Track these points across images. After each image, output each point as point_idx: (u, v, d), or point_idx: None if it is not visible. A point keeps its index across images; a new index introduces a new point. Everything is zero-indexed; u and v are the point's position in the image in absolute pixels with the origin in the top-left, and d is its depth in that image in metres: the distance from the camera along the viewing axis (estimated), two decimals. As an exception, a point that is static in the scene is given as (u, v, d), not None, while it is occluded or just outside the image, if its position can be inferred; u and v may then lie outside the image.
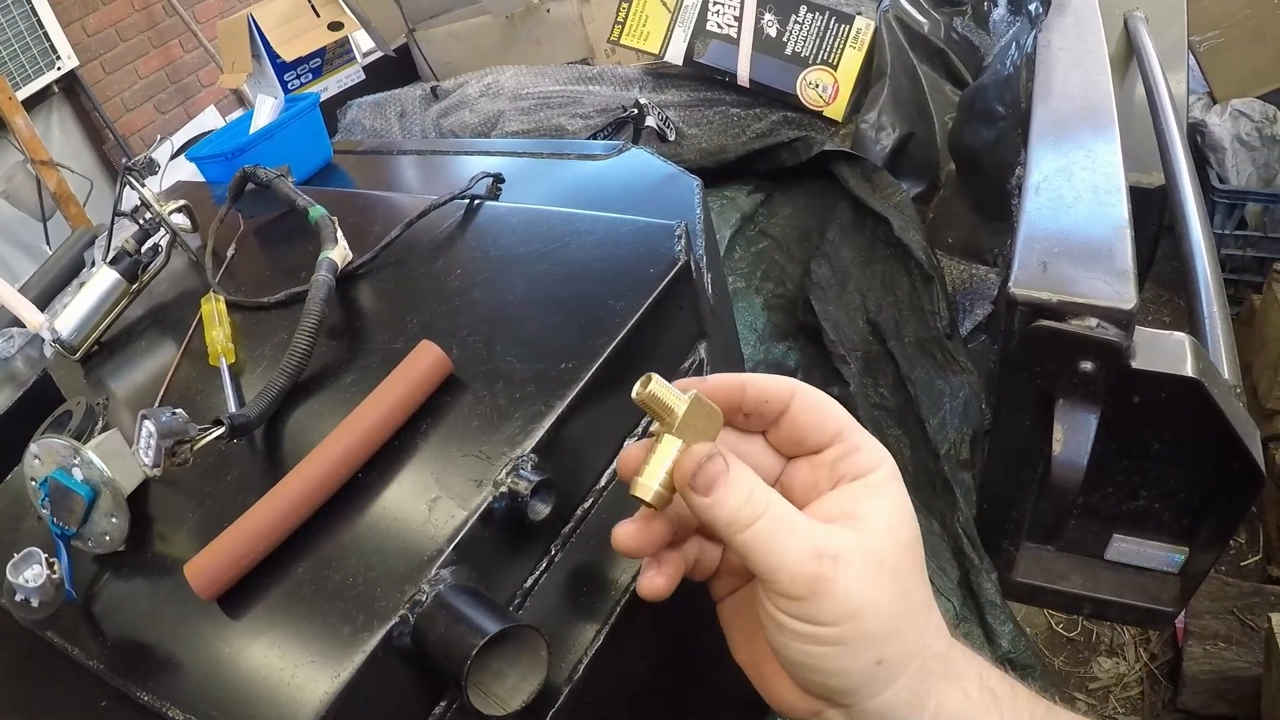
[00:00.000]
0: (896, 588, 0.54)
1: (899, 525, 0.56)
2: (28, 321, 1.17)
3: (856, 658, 0.53)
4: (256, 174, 1.15)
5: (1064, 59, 1.37)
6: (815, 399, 0.60)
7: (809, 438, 0.60)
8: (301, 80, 2.71)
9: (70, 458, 0.74)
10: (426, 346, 0.74)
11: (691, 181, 1.06)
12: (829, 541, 0.54)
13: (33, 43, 4.44)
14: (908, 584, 0.55)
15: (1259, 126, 3.13)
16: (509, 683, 0.58)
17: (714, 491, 0.55)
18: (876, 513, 0.56)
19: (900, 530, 0.56)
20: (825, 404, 0.60)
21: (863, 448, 0.58)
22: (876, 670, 0.53)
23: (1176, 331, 0.95)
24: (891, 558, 0.55)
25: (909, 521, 0.57)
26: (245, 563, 0.66)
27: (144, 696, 0.63)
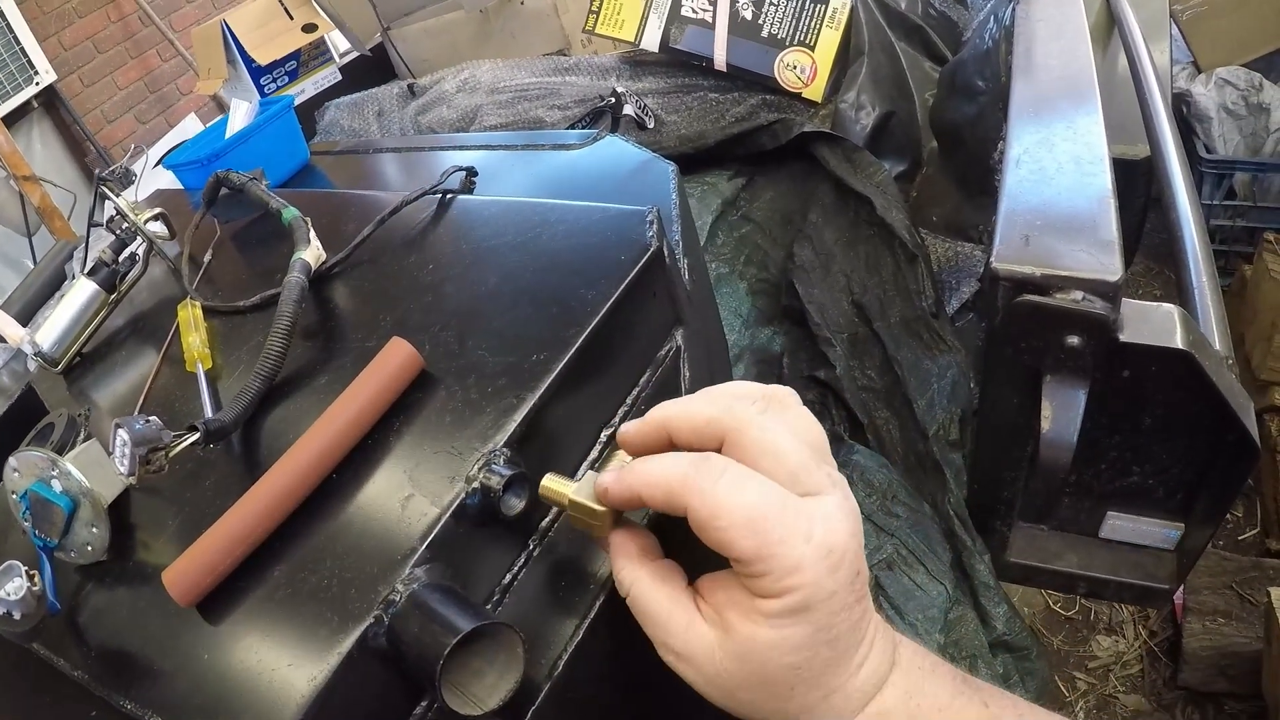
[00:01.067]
0: (738, 699, 0.56)
1: (755, 663, 0.54)
2: (9, 336, 1.17)
3: None
4: (230, 178, 1.14)
5: (1043, 30, 1.36)
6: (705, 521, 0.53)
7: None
8: (278, 83, 2.71)
9: (49, 469, 0.74)
10: (397, 344, 0.73)
11: (666, 167, 1.05)
12: (675, 641, 0.57)
13: (10, 59, 4.44)
14: (752, 697, 0.56)
15: (1245, 95, 3.12)
16: (487, 681, 0.57)
17: None
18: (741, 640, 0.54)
19: (754, 667, 0.54)
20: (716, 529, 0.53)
21: (765, 576, 0.53)
22: None
23: (1165, 303, 0.94)
24: (734, 680, 0.55)
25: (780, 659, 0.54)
26: (222, 568, 0.65)
27: (127, 705, 0.63)
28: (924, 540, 1.28)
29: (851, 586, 0.54)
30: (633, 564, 0.60)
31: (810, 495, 0.54)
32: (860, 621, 0.55)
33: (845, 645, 0.55)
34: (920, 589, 1.24)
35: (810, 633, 0.53)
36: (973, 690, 0.58)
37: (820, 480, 0.55)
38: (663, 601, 0.58)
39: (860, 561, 0.55)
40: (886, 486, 1.34)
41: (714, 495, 0.53)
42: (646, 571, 0.60)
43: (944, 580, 1.25)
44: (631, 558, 0.61)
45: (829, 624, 0.53)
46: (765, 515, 0.52)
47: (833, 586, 0.53)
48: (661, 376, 0.83)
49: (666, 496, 0.55)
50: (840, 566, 0.53)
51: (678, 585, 0.59)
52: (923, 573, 1.25)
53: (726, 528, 0.52)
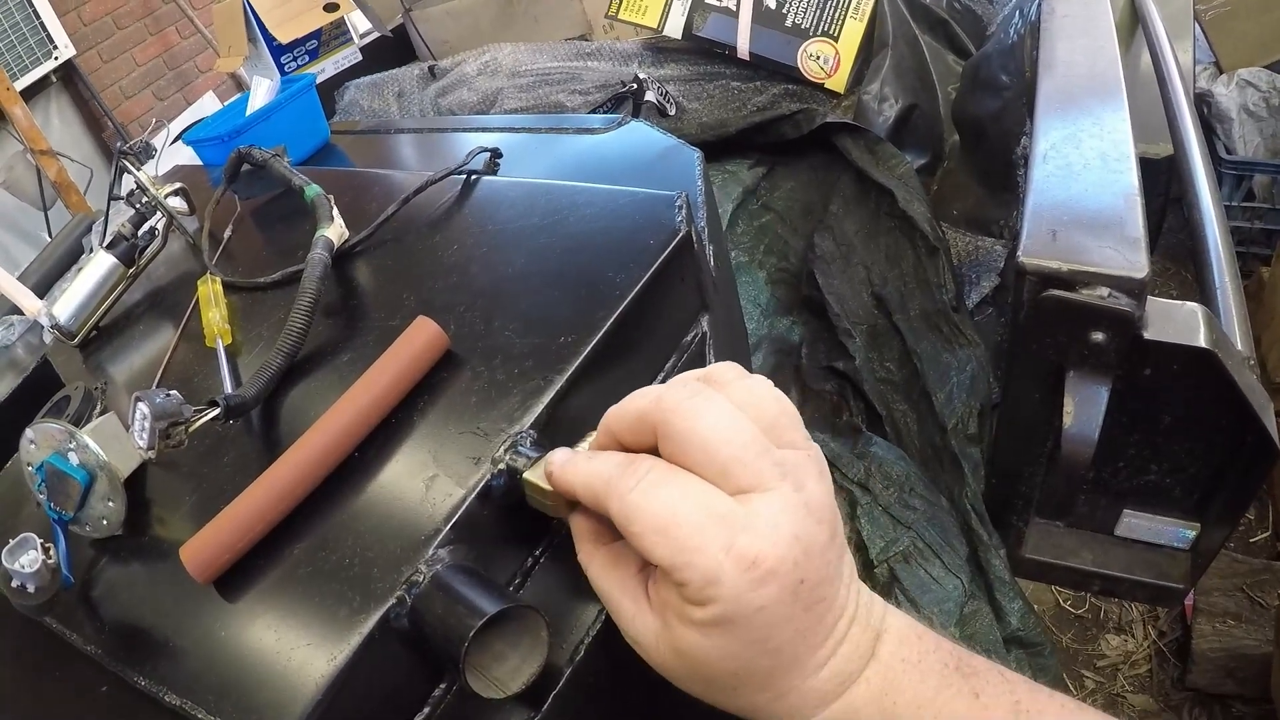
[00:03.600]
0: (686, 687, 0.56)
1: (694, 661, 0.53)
2: (26, 308, 1.17)
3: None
4: (252, 154, 1.14)
5: (1069, 27, 1.35)
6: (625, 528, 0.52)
7: None
8: (298, 62, 2.70)
9: (66, 442, 0.73)
10: (423, 322, 0.73)
11: (692, 153, 1.05)
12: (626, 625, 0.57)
13: (29, 33, 4.43)
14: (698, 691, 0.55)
15: (1266, 96, 3.10)
16: (509, 665, 0.57)
17: None
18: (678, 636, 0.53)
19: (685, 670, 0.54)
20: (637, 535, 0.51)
21: (685, 585, 0.50)
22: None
23: (1189, 302, 0.93)
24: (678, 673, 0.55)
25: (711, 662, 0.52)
26: (241, 545, 0.64)
27: (140, 681, 0.62)
28: (941, 534, 1.27)
29: (794, 597, 0.50)
30: (587, 546, 0.60)
31: (746, 492, 0.50)
32: (814, 628, 0.52)
33: (792, 653, 0.52)
34: (936, 582, 1.24)
35: (741, 644, 0.50)
36: (963, 679, 0.53)
37: (760, 473, 0.51)
38: (613, 587, 0.58)
39: (811, 567, 0.50)
40: (904, 479, 1.33)
41: (630, 500, 0.51)
42: (600, 556, 0.59)
43: (960, 574, 1.25)
44: (585, 540, 0.60)
45: (763, 636, 0.50)
46: (678, 523, 0.49)
47: (759, 601, 0.49)
48: (687, 362, 0.82)
49: (593, 499, 0.54)
50: (769, 580, 0.49)
51: (629, 570, 0.58)
52: (939, 566, 1.25)
53: (640, 534, 0.51)
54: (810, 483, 0.52)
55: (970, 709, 0.52)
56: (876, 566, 1.26)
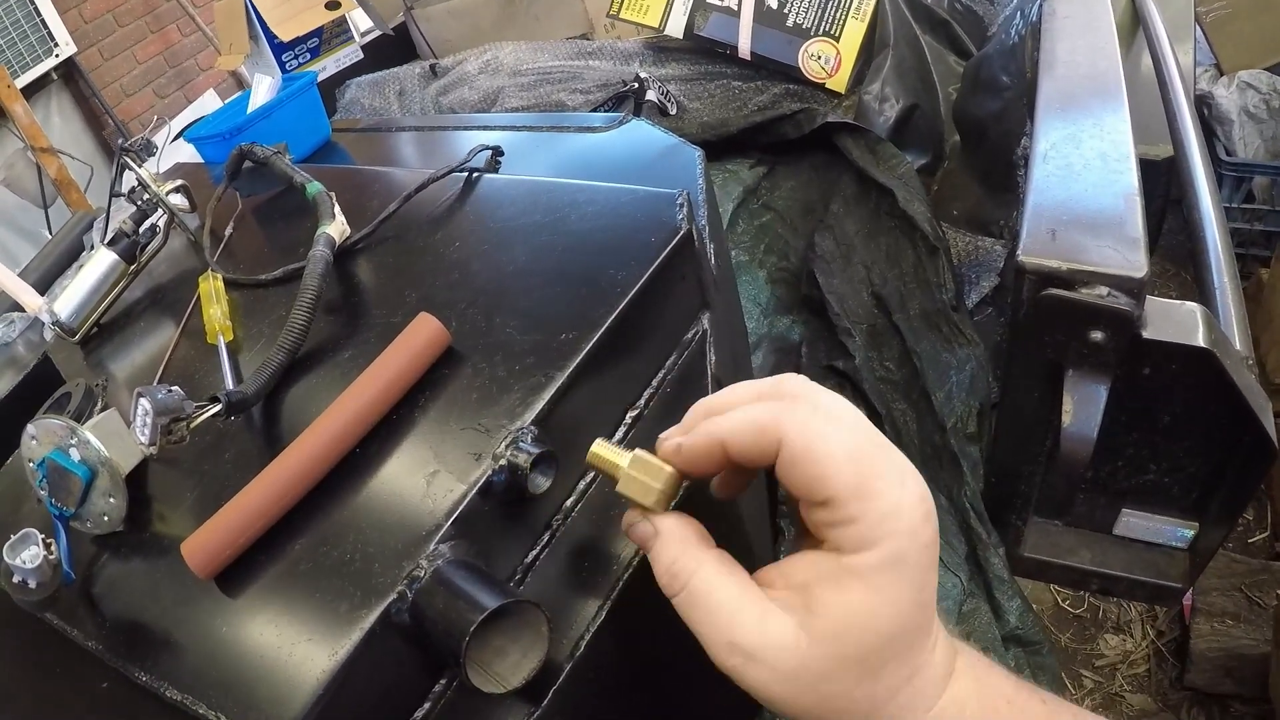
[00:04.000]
0: (820, 692, 0.50)
1: (854, 632, 0.49)
2: (26, 305, 1.17)
3: None
4: (253, 151, 1.14)
5: (1070, 28, 1.35)
6: (801, 455, 0.49)
7: (795, 491, 0.51)
8: (299, 60, 2.70)
9: (67, 438, 0.73)
10: (424, 319, 0.73)
11: (693, 152, 1.05)
12: (746, 636, 0.50)
13: (30, 30, 4.43)
14: (838, 689, 0.50)
15: (1266, 98, 3.10)
16: (510, 660, 0.57)
17: (646, 551, 0.55)
18: (834, 613, 0.49)
19: (853, 638, 0.49)
20: (813, 461, 0.49)
21: (856, 521, 0.48)
22: None
23: (1188, 302, 0.94)
24: (821, 666, 0.49)
25: (877, 625, 0.49)
26: (242, 541, 0.65)
27: (142, 677, 0.63)
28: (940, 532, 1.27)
29: (935, 543, 0.50)
30: (693, 549, 0.54)
31: (887, 444, 0.51)
32: (935, 588, 0.52)
33: (930, 612, 0.51)
34: (935, 581, 1.24)
35: (907, 592, 0.49)
36: (1029, 685, 0.54)
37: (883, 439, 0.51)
38: (732, 592, 0.52)
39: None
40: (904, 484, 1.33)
41: (813, 427, 0.49)
42: (711, 559, 0.53)
43: (959, 572, 1.25)
44: (690, 544, 0.54)
45: (922, 582, 0.49)
46: (864, 451, 0.48)
47: (927, 537, 0.49)
48: (687, 360, 0.82)
49: (757, 436, 0.50)
50: (931, 517, 0.50)
51: (743, 574, 0.53)
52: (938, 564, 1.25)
53: (823, 460, 0.48)
54: None
55: (1042, 711, 0.53)
56: (875, 565, 1.26)
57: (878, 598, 0.48)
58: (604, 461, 0.58)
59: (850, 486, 0.48)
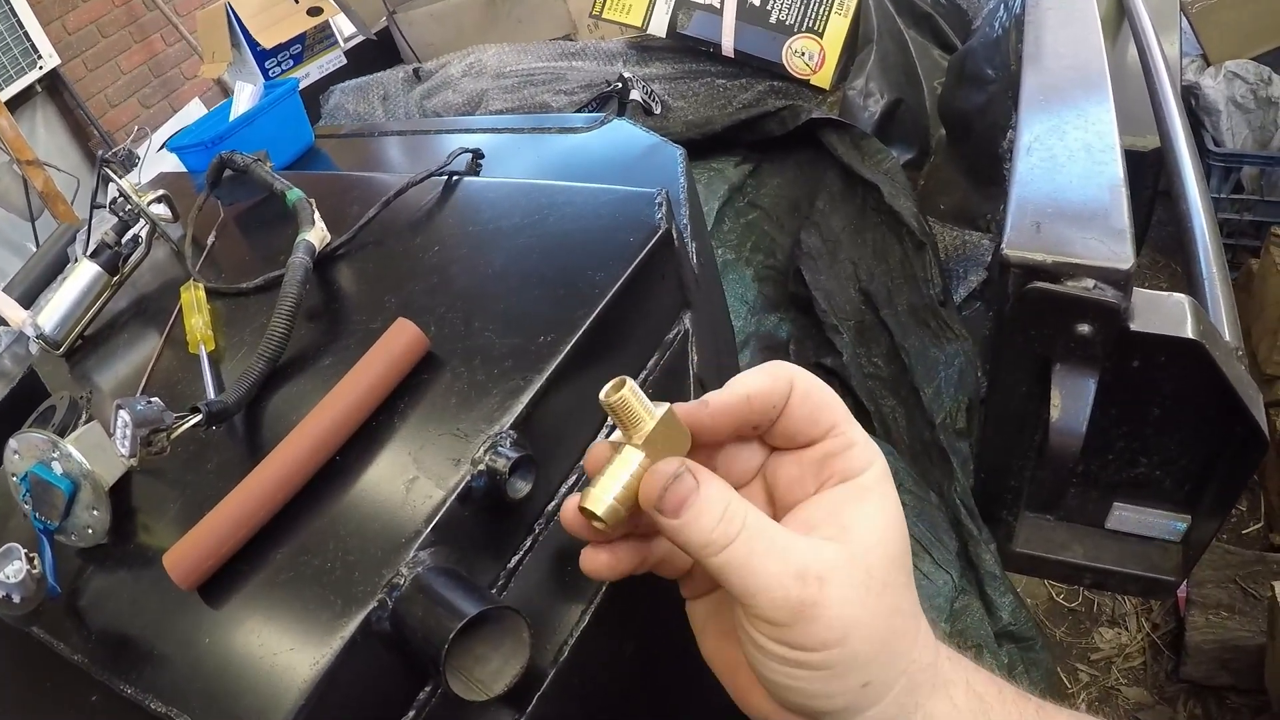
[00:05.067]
0: (885, 605, 0.50)
1: (889, 535, 0.52)
2: (10, 319, 1.16)
3: (843, 681, 0.50)
4: (234, 159, 1.13)
5: (1053, 19, 1.35)
6: (811, 387, 0.54)
7: (802, 431, 0.54)
8: (283, 67, 2.69)
9: (49, 451, 0.73)
10: (402, 324, 0.72)
11: (674, 151, 1.05)
12: (814, 560, 0.49)
13: (13, 43, 4.42)
14: (896, 599, 0.51)
15: (1254, 88, 3.10)
16: (491, 667, 0.57)
17: (684, 512, 0.50)
18: (866, 521, 0.51)
19: (890, 540, 0.52)
20: (821, 393, 0.54)
21: (856, 444, 0.53)
22: (863, 692, 0.50)
23: (1176, 293, 0.93)
24: (880, 572, 0.50)
25: (899, 529, 0.53)
26: (223, 551, 0.64)
27: (127, 689, 0.62)
28: (930, 529, 1.27)
29: None
30: (735, 498, 0.51)
31: None
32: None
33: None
34: (926, 578, 1.24)
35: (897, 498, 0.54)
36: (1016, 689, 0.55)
37: None
38: (784, 529, 0.51)
39: None
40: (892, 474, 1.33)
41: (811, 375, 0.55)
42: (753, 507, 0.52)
43: (950, 569, 1.25)
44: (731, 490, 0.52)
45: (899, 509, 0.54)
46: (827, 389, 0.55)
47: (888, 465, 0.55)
48: (669, 361, 0.82)
49: (773, 381, 0.53)
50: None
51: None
52: (928, 561, 1.25)
53: (828, 393, 0.54)
54: None
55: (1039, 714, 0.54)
56: (866, 563, 1.25)
57: (890, 500, 0.53)
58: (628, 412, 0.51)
59: (846, 413, 0.55)
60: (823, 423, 0.54)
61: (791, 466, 0.56)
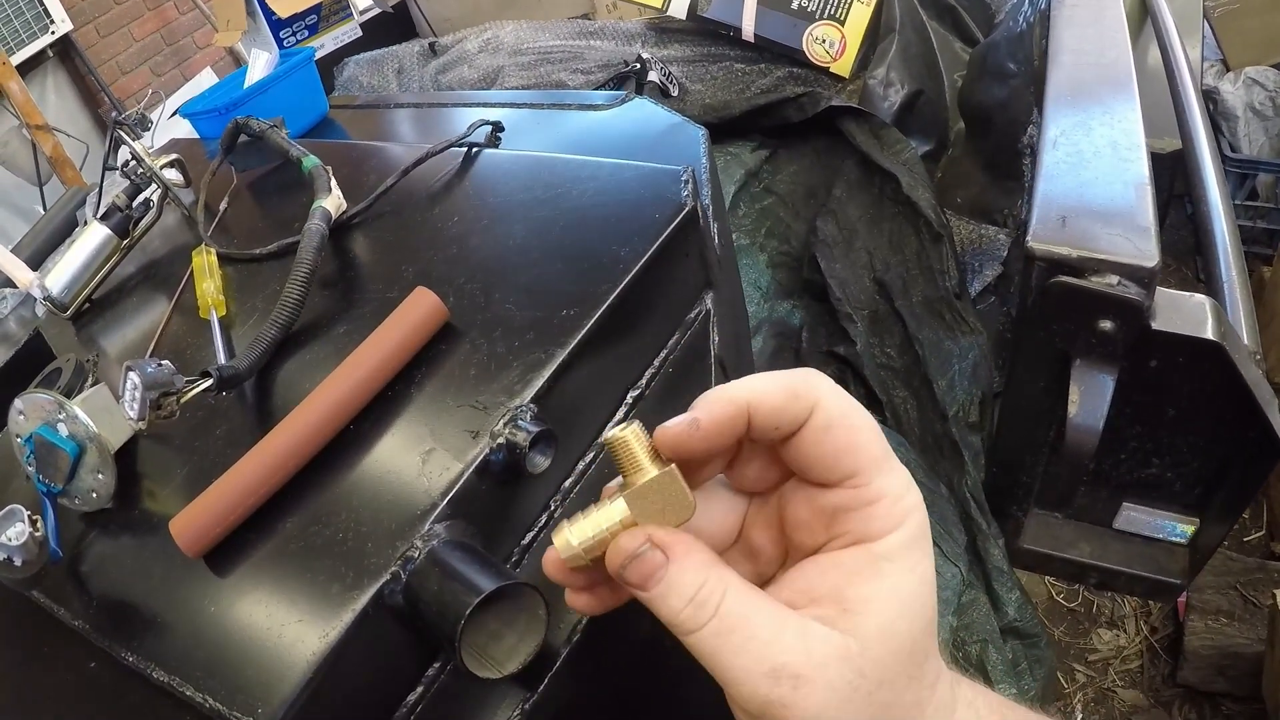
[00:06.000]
0: (875, 704, 0.44)
1: (900, 625, 0.45)
2: (18, 280, 1.15)
3: None
4: (249, 125, 1.12)
5: (1079, 16, 1.34)
6: (836, 419, 0.45)
7: (814, 468, 0.46)
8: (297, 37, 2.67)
9: (55, 413, 0.72)
10: (422, 293, 0.71)
11: (696, 131, 1.04)
12: (792, 658, 0.43)
13: (26, 7, 4.39)
14: (893, 696, 0.45)
15: (1273, 95, 3.09)
16: (505, 644, 0.56)
17: (651, 587, 0.46)
18: (874, 604, 0.44)
19: (900, 632, 0.44)
20: (848, 431, 0.45)
21: (879, 501, 0.45)
22: None
23: (1197, 294, 0.92)
24: (877, 671, 0.44)
25: (919, 611, 0.45)
26: (232, 519, 0.63)
27: (128, 657, 0.61)
28: (940, 522, 1.26)
29: None
30: (717, 569, 0.46)
31: None
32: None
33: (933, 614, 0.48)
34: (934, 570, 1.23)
35: (929, 566, 0.46)
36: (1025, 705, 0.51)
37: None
38: (768, 612, 0.45)
39: None
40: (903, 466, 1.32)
41: (845, 395, 0.46)
42: (735, 577, 0.46)
43: (958, 563, 1.24)
44: (714, 562, 0.47)
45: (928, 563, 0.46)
46: (877, 428, 0.46)
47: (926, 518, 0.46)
48: (690, 340, 0.81)
49: (789, 397, 0.45)
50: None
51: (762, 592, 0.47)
52: (937, 554, 1.24)
53: (860, 427, 0.45)
54: None
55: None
56: (873, 554, 1.25)
57: (913, 577, 0.45)
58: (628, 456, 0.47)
59: (877, 459, 0.45)
60: (841, 468, 0.45)
61: (801, 506, 0.48)
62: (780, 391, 0.45)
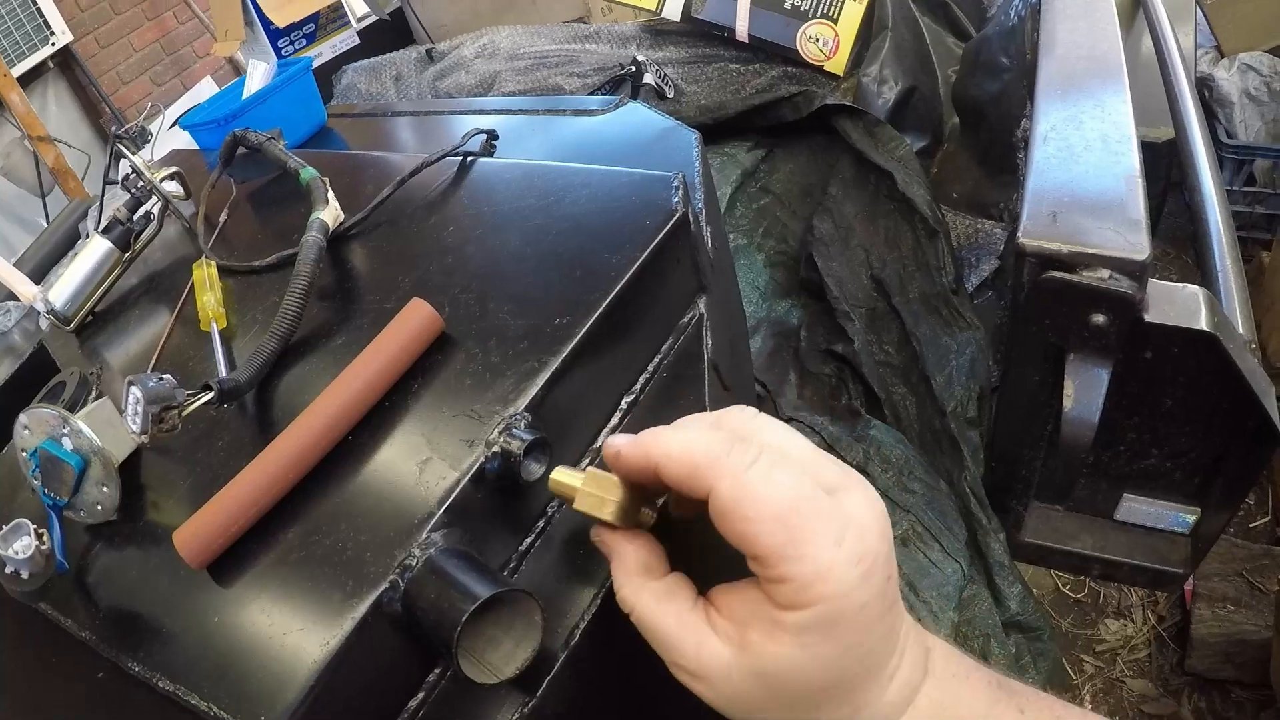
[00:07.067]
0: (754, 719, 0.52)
1: (780, 680, 0.49)
2: (21, 294, 1.16)
3: None
4: (247, 137, 1.13)
5: (1070, 8, 1.34)
6: (730, 509, 0.48)
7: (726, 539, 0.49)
8: (295, 46, 2.69)
9: (59, 427, 0.73)
10: (417, 304, 0.72)
11: (690, 134, 1.04)
12: (686, 661, 0.52)
13: (26, 19, 4.40)
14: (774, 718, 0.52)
15: (1267, 81, 3.09)
16: (503, 649, 0.57)
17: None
18: (763, 657, 0.49)
19: (779, 684, 0.49)
20: (742, 519, 0.47)
21: (786, 583, 0.47)
22: None
23: (1190, 285, 0.93)
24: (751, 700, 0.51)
25: (802, 680, 0.49)
26: (234, 530, 0.64)
27: (135, 667, 0.62)
28: (940, 517, 1.27)
29: (883, 594, 0.49)
30: (633, 582, 0.55)
31: (836, 491, 0.49)
32: (892, 631, 0.50)
33: (876, 659, 0.50)
34: (935, 566, 1.23)
35: (840, 650, 0.48)
36: (1009, 696, 0.53)
37: (838, 474, 0.50)
38: (669, 622, 0.53)
39: (891, 565, 0.49)
40: (903, 462, 1.33)
41: (747, 480, 0.47)
42: (649, 591, 0.55)
43: (959, 558, 1.25)
44: (631, 574, 0.56)
45: (860, 640, 0.48)
46: (797, 510, 0.47)
47: (864, 597, 0.47)
48: (684, 345, 0.82)
49: (690, 474, 0.49)
50: (873, 574, 0.48)
51: (684, 602, 0.54)
52: (938, 550, 1.24)
53: (752, 519, 0.47)
54: (871, 488, 0.51)
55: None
56: (876, 551, 1.25)
57: (804, 654, 0.48)
58: (562, 486, 0.59)
59: (777, 549, 0.47)
60: (744, 549, 0.48)
61: None
62: (682, 466, 0.50)
